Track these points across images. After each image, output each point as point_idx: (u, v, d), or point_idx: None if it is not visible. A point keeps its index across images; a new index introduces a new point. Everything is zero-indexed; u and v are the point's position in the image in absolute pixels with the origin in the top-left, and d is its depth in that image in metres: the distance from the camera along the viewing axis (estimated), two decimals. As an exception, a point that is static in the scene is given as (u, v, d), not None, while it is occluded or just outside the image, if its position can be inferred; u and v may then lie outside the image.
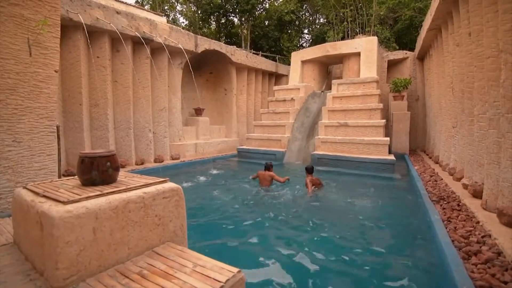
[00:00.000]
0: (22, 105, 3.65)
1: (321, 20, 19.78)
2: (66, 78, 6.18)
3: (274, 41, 18.03)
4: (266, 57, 14.43)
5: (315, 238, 3.30)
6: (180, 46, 8.14)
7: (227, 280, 1.43)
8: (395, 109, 9.84)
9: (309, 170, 5.45)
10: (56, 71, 3.98)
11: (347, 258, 2.83)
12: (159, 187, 1.89)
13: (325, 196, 5.14)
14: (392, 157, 7.21)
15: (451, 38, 5.95)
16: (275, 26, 17.73)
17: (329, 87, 11.26)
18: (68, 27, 5.96)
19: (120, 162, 6.33)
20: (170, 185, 1.96)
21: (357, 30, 15.02)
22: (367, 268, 2.63)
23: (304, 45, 20.11)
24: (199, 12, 18.08)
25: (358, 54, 10.45)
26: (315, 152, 8.23)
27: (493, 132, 3.61)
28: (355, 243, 3.14)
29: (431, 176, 6.02)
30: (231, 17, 18.39)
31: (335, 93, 9.36)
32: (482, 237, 2.89)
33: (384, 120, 7.99)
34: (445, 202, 4.16)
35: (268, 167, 5.59)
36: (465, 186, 4.58)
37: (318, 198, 4.99)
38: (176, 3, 19.86)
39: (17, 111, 3.61)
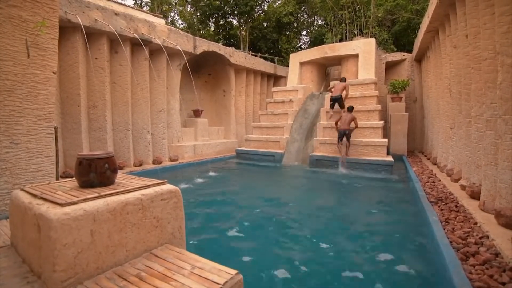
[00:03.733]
0: (20, 107, 3.64)
1: (319, 22, 19.86)
2: (64, 79, 6.17)
3: (273, 43, 18.07)
4: (265, 58, 14.45)
5: (313, 239, 3.30)
6: (178, 47, 8.15)
7: (226, 282, 1.43)
8: (393, 111, 9.87)
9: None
10: (54, 73, 3.97)
11: (344, 259, 2.83)
12: (157, 189, 1.89)
13: (322, 197, 5.14)
14: (390, 158, 7.24)
15: (449, 40, 5.99)
16: (274, 28, 17.77)
17: (327, 89, 11.28)
18: (66, 29, 5.94)
19: (118, 164, 6.33)
20: (168, 187, 1.96)
21: (355, 32, 15.08)
22: (364, 268, 2.63)
23: (302, 46, 20.19)
24: (198, 13, 18.10)
25: (356, 56, 10.48)
26: (314, 153, 8.24)
27: (490, 134, 3.63)
28: (353, 243, 3.14)
29: (429, 178, 6.03)
30: (230, 19, 18.42)
31: (334, 95, 9.38)
32: (480, 238, 2.90)
33: (382, 122, 8.02)
34: (443, 203, 4.17)
35: (350, 109, 7.54)
36: (463, 187, 4.60)
37: (317, 198, 4.99)
38: (174, 5, 19.89)
39: (15, 112, 3.59)
